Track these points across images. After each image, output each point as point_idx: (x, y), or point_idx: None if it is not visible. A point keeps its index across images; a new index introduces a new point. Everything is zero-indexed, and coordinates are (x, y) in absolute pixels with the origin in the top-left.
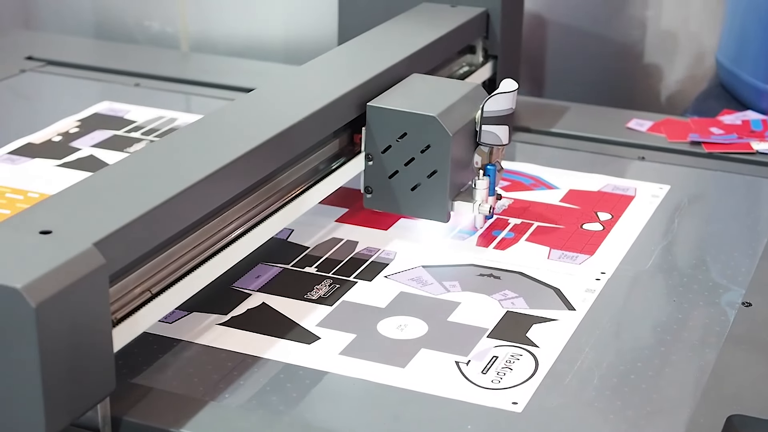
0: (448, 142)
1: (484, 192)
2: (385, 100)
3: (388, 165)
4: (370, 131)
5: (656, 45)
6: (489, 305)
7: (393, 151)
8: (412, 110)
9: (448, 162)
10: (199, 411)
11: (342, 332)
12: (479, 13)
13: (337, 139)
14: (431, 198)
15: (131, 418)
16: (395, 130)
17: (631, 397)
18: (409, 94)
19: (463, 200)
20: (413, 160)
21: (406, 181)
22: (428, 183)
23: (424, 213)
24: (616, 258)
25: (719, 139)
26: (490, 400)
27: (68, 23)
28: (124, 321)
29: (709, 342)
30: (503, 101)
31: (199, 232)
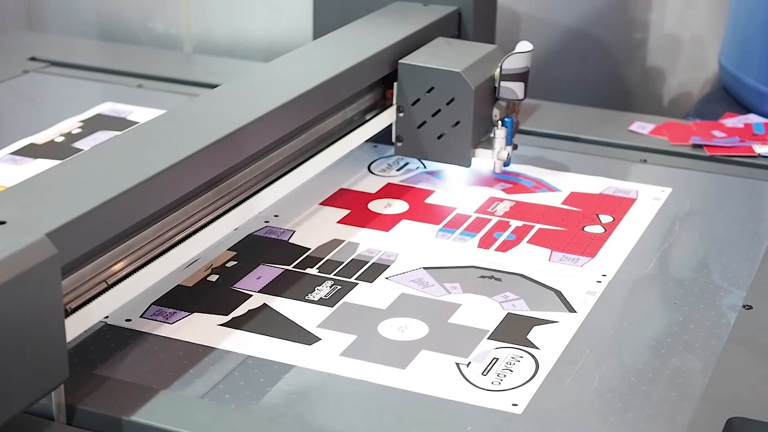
0: (471, 95)
1: (502, 141)
2: (415, 57)
3: (417, 116)
4: (401, 86)
5: (659, 48)
6: (490, 307)
7: (421, 104)
8: (440, 66)
9: (470, 113)
10: (199, 411)
11: (343, 333)
12: (451, 12)
13: (371, 93)
14: (456, 145)
15: (86, 406)
16: (424, 85)
17: (631, 399)
18: (436, 54)
19: (483, 148)
20: (439, 111)
21: (433, 131)
22: (453, 132)
23: (449, 158)
24: (617, 260)
25: (721, 143)
26: (491, 402)
27: (72, 24)
28: (78, 311)
29: (710, 345)
30: (520, 60)
31: (159, 224)
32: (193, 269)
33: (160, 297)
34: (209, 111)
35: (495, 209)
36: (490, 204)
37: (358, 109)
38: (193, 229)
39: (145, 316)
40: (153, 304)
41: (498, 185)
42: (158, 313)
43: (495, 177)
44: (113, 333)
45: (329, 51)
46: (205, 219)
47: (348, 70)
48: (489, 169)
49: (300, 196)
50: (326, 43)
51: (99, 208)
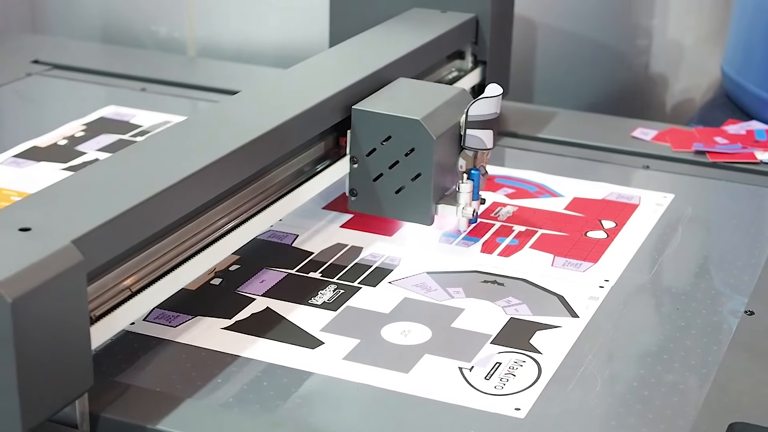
0: (432, 146)
1: (467, 196)
2: (370, 103)
3: (372, 168)
4: (355, 134)
5: (662, 54)
6: (493, 312)
7: (377, 154)
8: (397, 113)
9: (431, 165)
10: (202, 414)
11: (346, 337)
12: (468, 19)
13: (322, 141)
14: (415, 201)
15: (110, 414)
16: (380, 133)
17: (633, 404)
18: (395, 98)
19: (446, 203)
20: (397, 163)
21: (390, 184)
22: (412, 186)
23: (408, 216)
24: (619, 266)
25: (723, 149)
26: (493, 406)
27: (76, 27)
28: (103, 318)
29: (711, 350)
30: (487, 106)
31: (180, 232)
32: None
33: (164, 300)
34: None
35: (498, 214)
36: (494, 209)
37: (307, 160)
38: (216, 236)
39: (149, 319)
40: (156, 308)
41: (501, 190)
42: (161, 316)
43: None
44: (117, 336)
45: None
46: (226, 226)
47: (295, 118)
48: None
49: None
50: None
51: (124, 214)
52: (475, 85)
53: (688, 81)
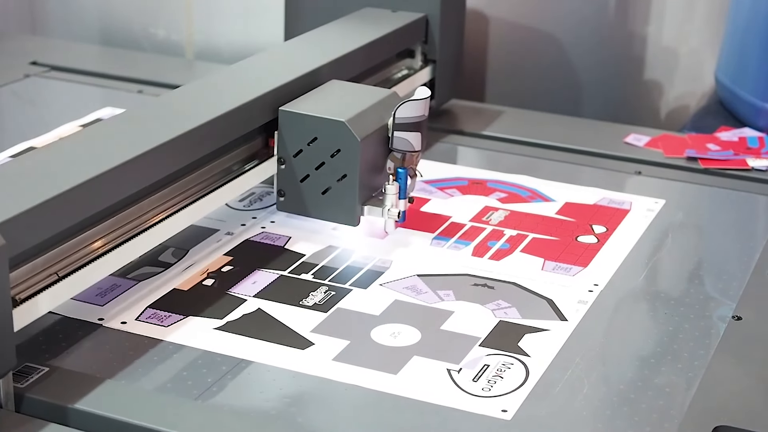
0: (357, 147)
1: (393, 197)
2: (298, 104)
3: (299, 169)
4: (282, 135)
5: (657, 61)
6: (482, 314)
7: (304, 155)
8: (322, 115)
9: (357, 166)
10: (191, 414)
11: (336, 338)
12: (418, 19)
13: (252, 141)
14: (341, 202)
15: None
16: (306, 135)
17: (619, 407)
18: (323, 100)
19: (373, 204)
20: (324, 164)
21: (317, 185)
22: (338, 187)
23: (334, 216)
24: (609, 270)
25: (716, 156)
26: (480, 408)
27: (74, 29)
28: (27, 301)
29: (698, 354)
30: (415, 108)
31: (110, 221)
32: (189, 273)
33: (156, 300)
34: None
35: (490, 218)
36: (485, 213)
37: (237, 159)
38: (144, 227)
39: (141, 318)
40: (149, 307)
41: (494, 195)
42: (153, 316)
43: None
44: (109, 335)
45: (214, 91)
46: (154, 218)
47: (222, 117)
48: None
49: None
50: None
51: (49, 201)
52: (426, 82)
53: (683, 88)
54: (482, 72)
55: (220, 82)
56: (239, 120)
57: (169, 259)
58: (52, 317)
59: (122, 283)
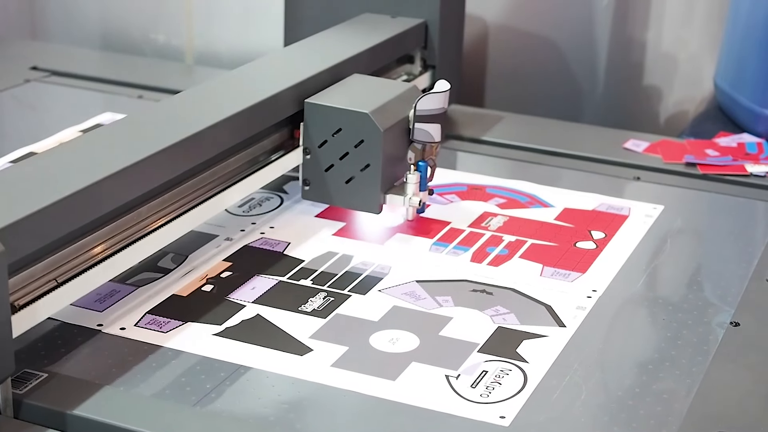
0: (380, 138)
1: (414, 186)
2: (323, 97)
3: (324, 159)
4: (308, 126)
5: (656, 67)
6: (481, 320)
7: (329, 146)
8: (347, 107)
9: (379, 156)
10: (189, 419)
11: (334, 344)
12: (417, 24)
13: (278, 133)
14: (364, 190)
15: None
16: (331, 126)
17: (617, 414)
18: (346, 92)
19: (394, 193)
20: (348, 154)
21: (341, 174)
22: (362, 176)
23: (357, 204)
24: (607, 276)
25: (714, 161)
26: (479, 414)
27: (75, 34)
28: (26, 308)
29: (697, 361)
30: (435, 100)
31: (110, 227)
32: (189, 279)
33: (155, 306)
34: None
35: (489, 224)
36: (484, 219)
37: (264, 149)
38: (153, 227)
39: (140, 324)
40: (148, 313)
41: (493, 200)
42: (152, 322)
43: None
44: (108, 341)
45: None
46: (168, 216)
47: (251, 108)
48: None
49: (296, 209)
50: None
51: (48, 208)
52: (425, 88)
53: (682, 93)
54: (482, 77)
55: (244, 77)
56: (267, 112)
57: (168, 264)
58: (52, 323)
59: (121, 288)
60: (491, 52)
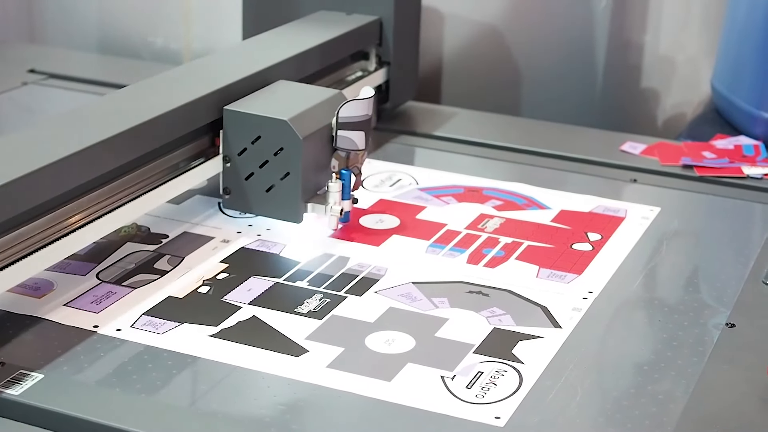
0: (299, 146)
1: (336, 195)
2: (242, 103)
3: (243, 167)
4: (227, 134)
5: (654, 70)
6: (476, 322)
7: (248, 154)
8: (265, 114)
9: (299, 164)
10: (185, 420)
11: (330, 346)
12: (371, 21)
13: (198, 140)
14: (285, 199)
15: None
16: (250, 133)
17: (613, 415)
18: (267, 99)
19: (316, 202)
20: (267, 162)
21: (261, 183)
22: (282, 185)
23: (278, 214)
24: (603, 278)
25: (711, 163)
26: (474, 415)
27: (73, 38)
28: None
29: (692, 362)
30: (358, 107)
31: (48, 217)
32: (185, 281)
33: (151, 308)
34: None
35: (485, 226)
36: (481, 220)
37: (183, 157)
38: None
39: (136, 326)
40: (144, 315)
41: (489, 202)
42: (148, 323)
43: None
44: (104, 342)
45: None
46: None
47: (166, 115)
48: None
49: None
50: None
51: None
52: (380, 84)
53: (680, 96)
54: (479, 79)
55: (168, 81)
56: (185, 118)
57: (164, 266)
58: (48, 324)
59: (117, 290)
60: (489, 54)
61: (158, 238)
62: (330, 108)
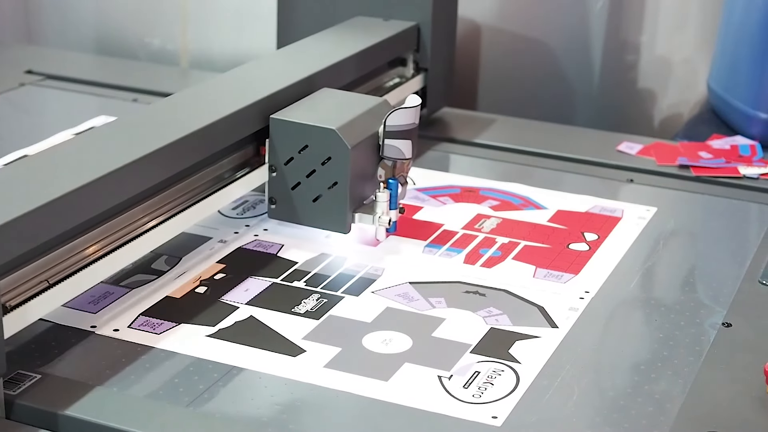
0: (347, 155)
1: (384, 205)
2: (288, 112)
3: (290, 176)
4: (274, 143)
5: (650, 70)
6: (473, 321)
7: (295, 163)
8: (313, 123)
9: (347, 174)
10: (182, 420)
11: (327, 345)
12: (409, 27)
13: (243, 149)
14: (332, 209)
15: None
16: (297, 142)
17: (609, 414)
18: (314, 108)
19: (364, 212)
20: (314, 171)
21: (308, 193)
22: (329, 194)
23: (325, 224)
24: (600, 278)
25: (707, 163)
26: (471, 414)
27: (70, 38)
28: (17, 309)
29: (689, 361)
30: (406, 116)
31: (100, 229)
32: (182, 281)
33: (148, 308)
34: None
35: (482, 226)
36: (478, 220)
37: (229, 167)
38: (133, 235)
39: (133, 326)
40: (141, 315)
41: (486, 203)
42: (146, 323)
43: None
44: (101, 342)
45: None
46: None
47: (215, 124)
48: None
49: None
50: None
51: (39, 209)
52: (417, 90)
53: (676, 96)
54: (476, 80)
55: (212, 90)
56: (230, 128)
57: (161, 266)
58: (45, 324)
59: (115, 290)
60: (486, 55)
61: None
62: (376, 116)
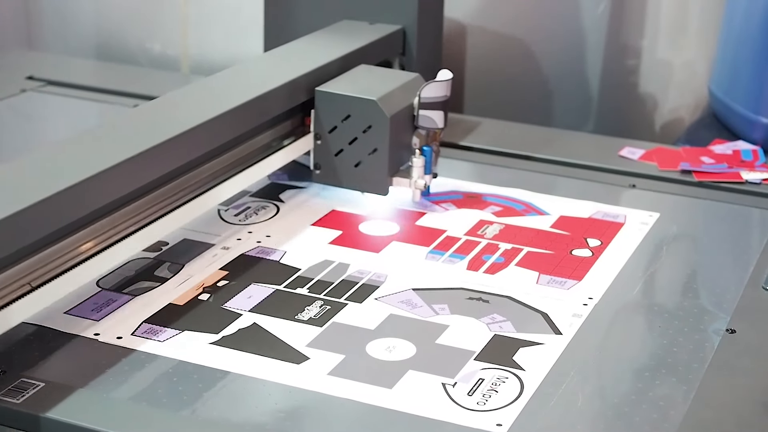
0: (387, 123)
1: (420, 169)
2: (332, 85)
3: (333, 144)
4: (318, 113)
5: (651, 74)
6: (477, 328)
7: (338, 132)
8: (356, 94)
9: (387, 141)
10: (185, 427)
11: (331, 353)
12: (395, 31)
13: (289, 120)
14: (372, 174)
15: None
16: (340, 112)
17: (614, 421)
18: (354, 81)
19: (401, 176)
20: (356, 139)
21: (350, 159)
22: (369, 160)
23: (365, 187)
24: (603, 284)
25: (710, 169)
26: (475, 422)
27: (71, 44)
28: None
29: (693, 368)
30: (439, 88)
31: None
32: (185, 288)
33: (151, 315)
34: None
35: (485, 232)
36: (480, 227)
37: (276, 135)
38: (118, 237)
39: (136, 333)
40: (144, 322)
41: (488, 208)
42: (149, 331)
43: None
44: (104, 350)
45: (252, 73)
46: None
47: (263, 96)
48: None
49: (292, 217)
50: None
51: (20, 213)
52: None
53: (677, 101)
54: (477, 85)
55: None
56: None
57: (164, 273)
58: (48, 331)
59: (118, 297)
60: (487, 60)
61: (158, 245)
62: (410, 89)
